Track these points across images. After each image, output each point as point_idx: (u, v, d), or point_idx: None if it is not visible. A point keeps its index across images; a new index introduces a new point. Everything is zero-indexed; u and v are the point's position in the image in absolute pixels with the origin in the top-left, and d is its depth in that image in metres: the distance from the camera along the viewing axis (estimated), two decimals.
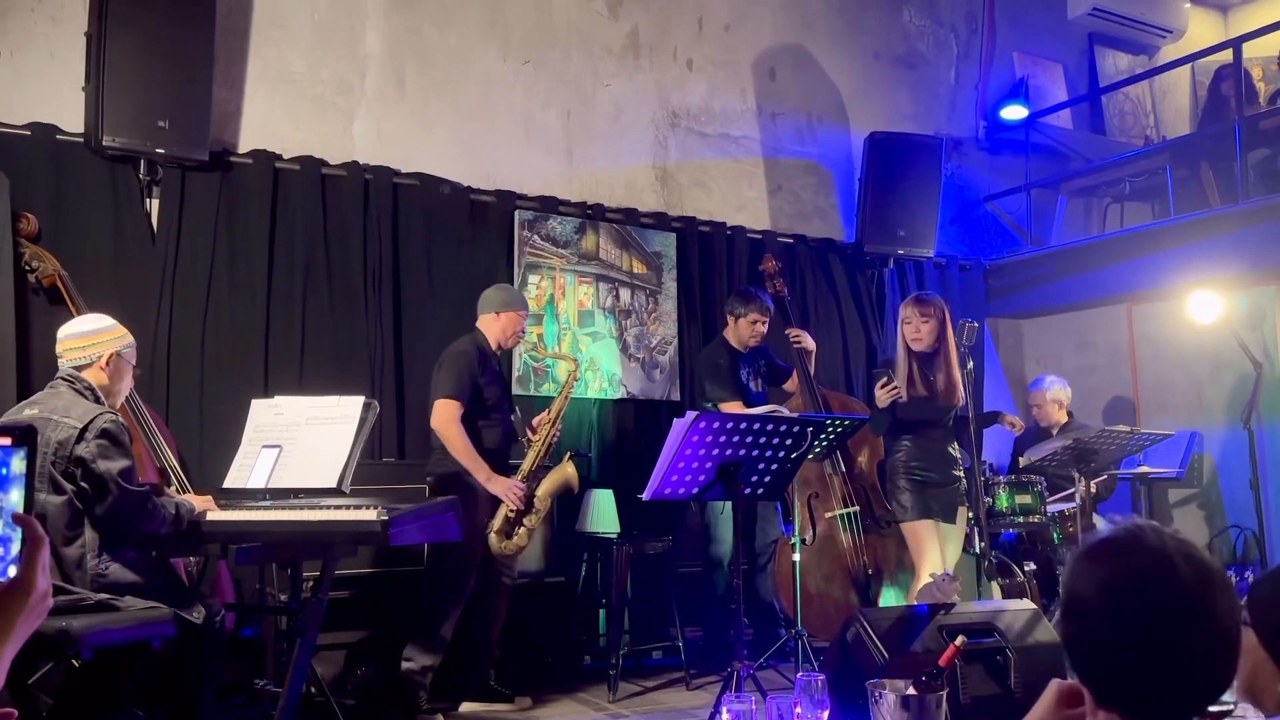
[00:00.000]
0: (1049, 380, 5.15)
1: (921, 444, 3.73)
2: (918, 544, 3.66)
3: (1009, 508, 4.25)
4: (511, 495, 3.54)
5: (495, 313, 3.75)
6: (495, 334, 3.74)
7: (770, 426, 2.96)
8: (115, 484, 2.58)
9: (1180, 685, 1.07)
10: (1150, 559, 1.12)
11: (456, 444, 3.50)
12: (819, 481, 4.18)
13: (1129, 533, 1.15)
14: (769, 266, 4.48)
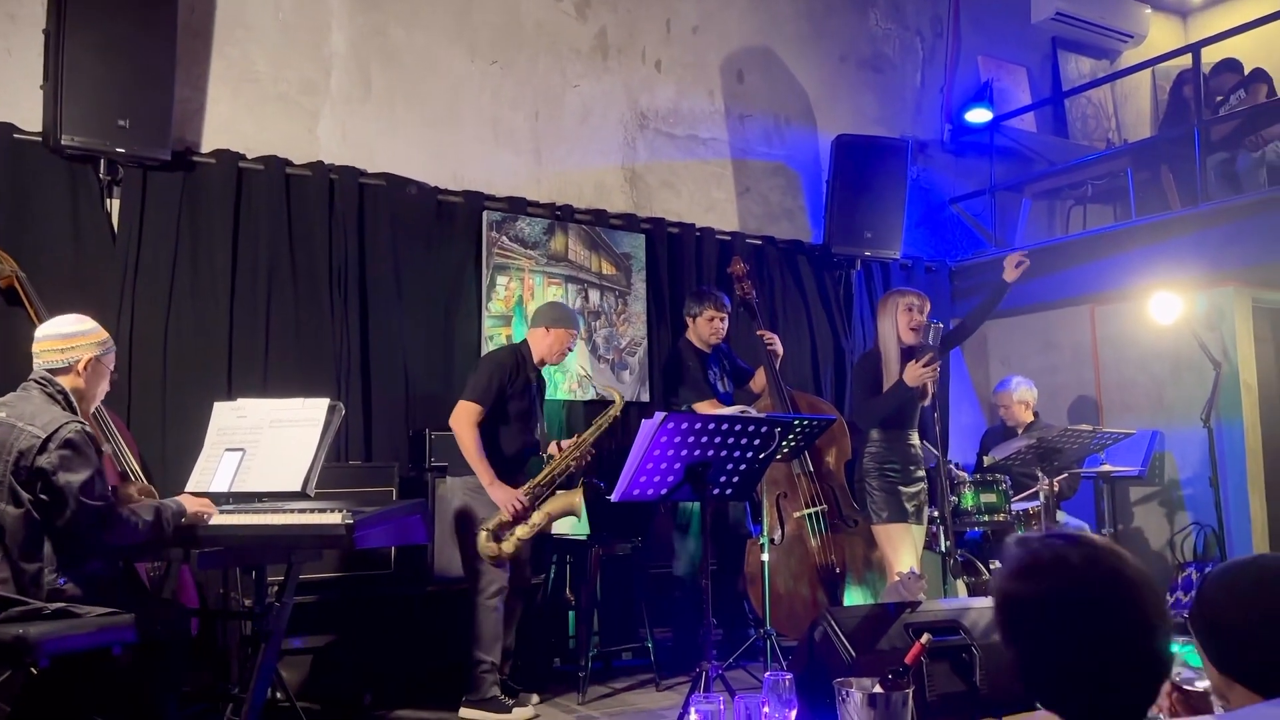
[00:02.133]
0: (1015, 381, 5.21)
1: (894, 444, 3.75)
2: (893, 547, 3.68)
3: (974, 506, 4.30)
4: (509, 504, 3.57)
5: (545, 328, 3.79)
6: (541, 348, 3.78)
7: (738, 427, 2.97)
8: (74, 498, 2.51)
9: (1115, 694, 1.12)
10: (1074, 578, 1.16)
11: (466, 444, 3.59)
12: (787, 481, 4.19)
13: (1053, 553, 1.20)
14: (737, 270, 4.49)
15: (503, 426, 3.70)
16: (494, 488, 3.57)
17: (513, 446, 3.72)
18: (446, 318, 4.64)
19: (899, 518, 3.67)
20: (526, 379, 3.76)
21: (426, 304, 4.59)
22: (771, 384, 4.33)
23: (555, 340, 3.78)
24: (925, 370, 3.59)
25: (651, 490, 2.97)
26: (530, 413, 3.78)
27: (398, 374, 4.47)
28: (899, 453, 3.74)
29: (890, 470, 3.71)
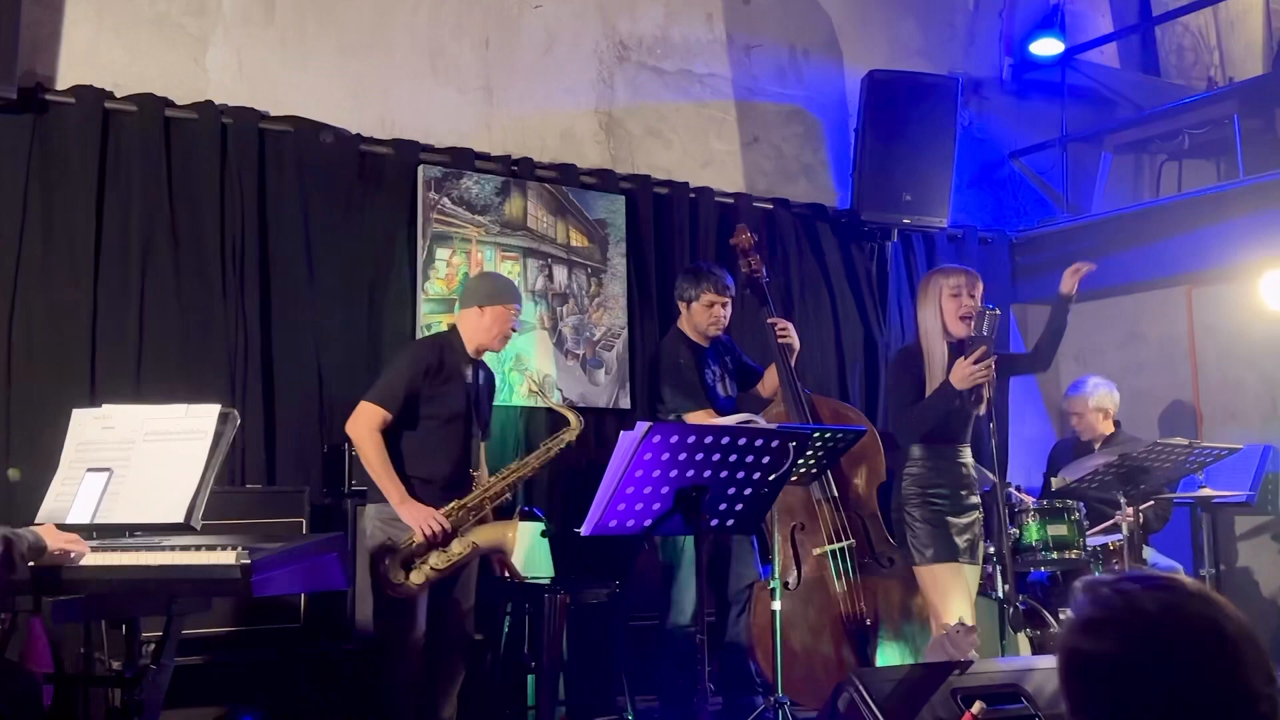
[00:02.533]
0: (1092, 383, 5.24)
1: (941, 462, 3.76)
2: (939, 592, 3.69)
3: (1040, 541, 4.32)
4: (424, 524, 3.60)
5: (479, 306, 3.81)
6: (476, 334, 3.81)
7: (743, 441, 2.97)
8: None
9: None
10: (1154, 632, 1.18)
11: (368, 456, 3.65)
12: (805, 510, 4.21)
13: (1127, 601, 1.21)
14: (742, 241, 4.50)
15: (424, 437, 3.72)
16: (405, 506, 3.62)
17: (440, 463, 3.74)
18: (372, 302, 4.64)
19: (947, 556, 3.69)
20: (458, 375, 3.77)
21: (346, 284, 4.58)
22: (785, 387, 4.34)
23: (492, 321, 3.80)
24: (977, 369, 3.60)
25: (632, 521, 2.96)
26: (465, 419, 3.79)
27: (309, 373, 4.47)
28: (947, 474, 3.76)
29: (936, 496, 3.73)
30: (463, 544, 3.67)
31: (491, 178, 4.92)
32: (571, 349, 5.07)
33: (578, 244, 5.11)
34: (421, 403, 3.71)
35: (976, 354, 3.59)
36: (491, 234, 4.90)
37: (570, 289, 5.09)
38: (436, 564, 3.64)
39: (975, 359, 3.58)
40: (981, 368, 3.58)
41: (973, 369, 3.59)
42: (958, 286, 3.74)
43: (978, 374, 3.59)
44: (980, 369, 3.58)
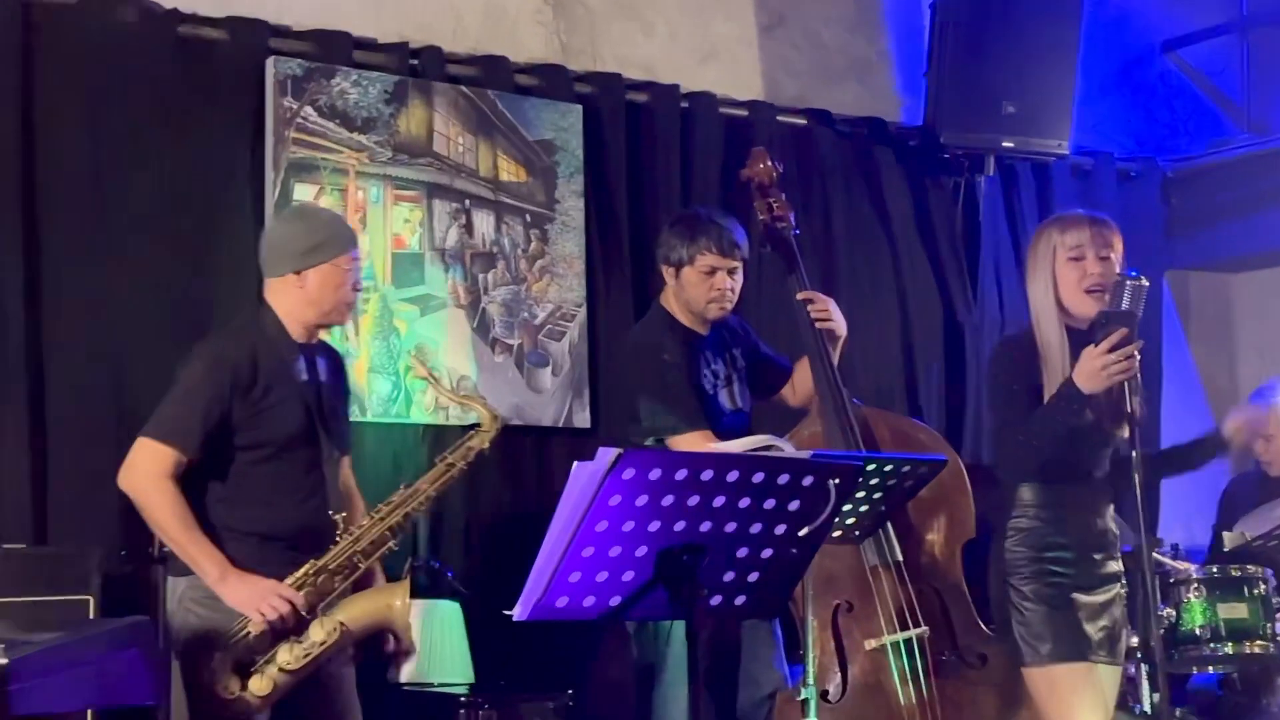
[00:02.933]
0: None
1: (1065, 511, 3.76)
2: (1062, 705, 3.69)
3: (1207, 626, 4.35)
4: (265, 607, 3.59)
5: (295, 272, 3.79)
6: (299, 309, 3.80)
7: (758, 478, 2.96)
8: None
9: None
10: None
11: (158, 517, 3.63)
12: (854, 583, 4.21)
13: None
14: (759, 173, 4.49)
15: (250, 476, 3.71)
16: (229, 583, 3.61)
17: (282, 510, 3.73)
18: (196, 265, 4.63)
19: (1073, 652, 3.69)
20: (284, 378, 3.76)
21: (157, 239, 4.56)
22: (824, 394, 4.35)
23: (319, 287, 3.77)
24: (1113, 359, 3.57)
25: (593, 600, 2.94)
26: (308, 439, 3.78)
27: (99, 375, 4.46)
28: (1074, 529, 3.76)
29: (1057, 564, 3.73)
30: (326, 627, 3.64)
31: (379, 77, 4.90)
32: (501, 337, 5.05)
33: (511, 178, 5.09)
34: (237, 429, 3.68)
35: (1113, 338, 3.56)
36: (379, 162, 4.87)
37: (500, 246, 5.06)
38: (288, 663, 3.61)
39: (1111, 345, 3.58)
40: (1119, 358, 3.56)
41: (1107, 360, 3.56)
42: (1079, 245, 3.73)
43: (1114, 369, 3.56)
44: (1118, 360, 3.57)
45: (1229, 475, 5.97)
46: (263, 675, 3.61)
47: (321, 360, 3.90)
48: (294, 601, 3.61)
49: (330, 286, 3.77)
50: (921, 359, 5.77)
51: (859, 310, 5.50)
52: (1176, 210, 6.40)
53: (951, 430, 5.70)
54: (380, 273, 4.90)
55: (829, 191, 5.66)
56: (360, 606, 3.71)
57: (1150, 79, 6.53)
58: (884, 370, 5.69)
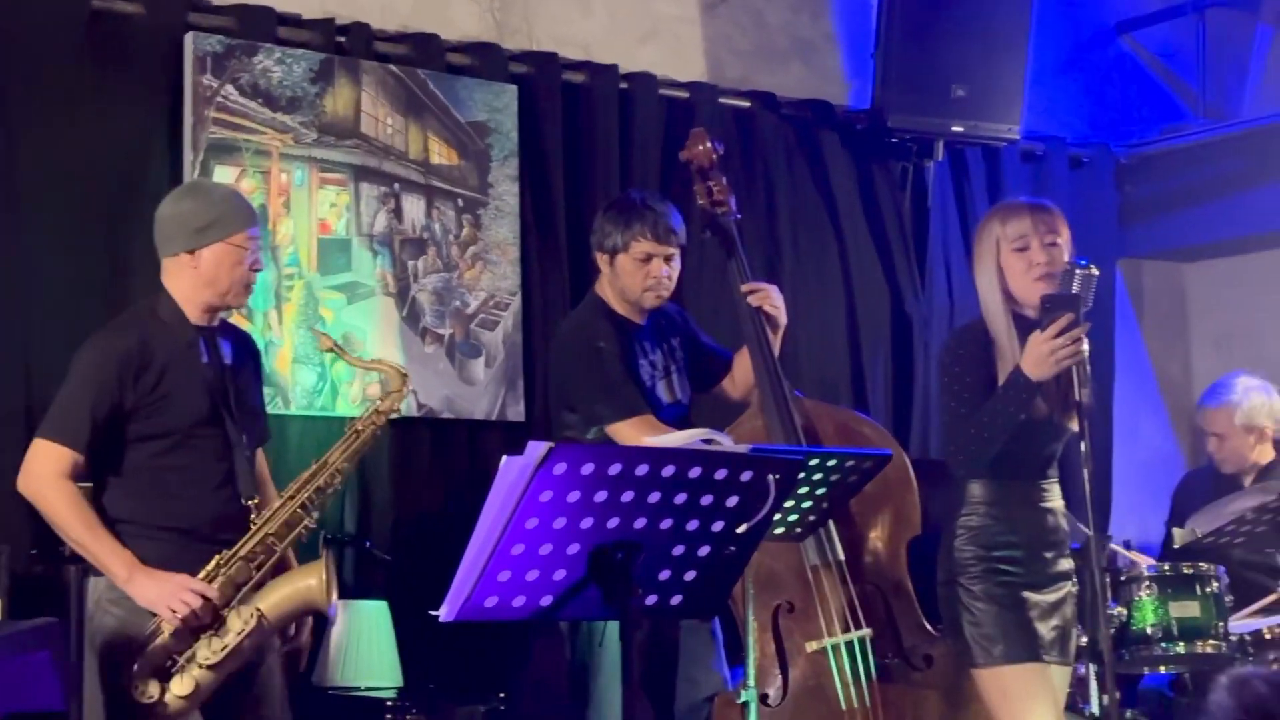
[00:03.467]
0: (1240, 387, 5.30)
1: (1015, 509, 3.77)
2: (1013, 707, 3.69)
3: (1158, 626, 4.34)
4: (177, 603, 3.55)
5: (189, 251, 3.75)
6: (195, 291, 3.77)
7: (696, 472, 2.93)
8: None
9: None
10: None
11: (61, 518, 3.63)
12: (795, 583, 4.20)
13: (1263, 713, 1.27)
14: (699, 155, 4.46)
15: (156, 468, 3.69)
16: (137, 581, 3.60)
17: (195, 501, 3.70)
18: (110, 252, 4.60)
19: (1025, 653, 3.69)
20: (182, 362, 3.73)
21: (66, 224, 4.54)
22: (765, 386, 4.33)
23: (214, 266, 3.73)
24: (1060, 344, 3.56)
25: (523, 600, 2.91)
26: (215, 423, 3.75)
27: (5, 366, 4.45)
28: (1025, 526, 3.76)
29: (1007, 562, 3.74)
30: (243, 616, 3.61)
31: (304, 54, 4.88)
32: (432, 327, 5.03)
33: (442, 161, 5.08)
34: (134, 420, 3.66)
35: (1059, 323, 3.55)
36: (304, 143, 4.86)
37: (431, 232, 5.04)
38: (208, 658, 3.58)
39: (1057, 330, 3.56)
40: (1066, 342, 3.55)
41: (1054, 345, 3.55)
42: (1022, 235, 3.73)
43: (1061, 353, 3.56)
44: (1065, 345, 3.55)
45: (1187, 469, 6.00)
46: (184, 675, 3.58)
47: (225, 343, 3.86)
48: (206, 595, 3.58)
49: (226, 266, 3.72)
50: (868, 350, 5.79)
51: (803, 300, 5.51)
52: (1130, 197, 6.44)
53: (899, 423, 5.73)
54: (305, 259, 4.88)
55: (773, 176, 5.68)
56: (278, 591, 3.67)
57: (1104, 62, 6.57)
58: (829, 361, 5.70)
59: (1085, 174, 6.31)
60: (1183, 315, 6.66)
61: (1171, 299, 6.66)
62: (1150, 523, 5.88)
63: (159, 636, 3.58)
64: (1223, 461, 5.30)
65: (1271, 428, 5.26)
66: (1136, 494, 6.09)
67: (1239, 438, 5.24)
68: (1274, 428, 5.27)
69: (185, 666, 3.58)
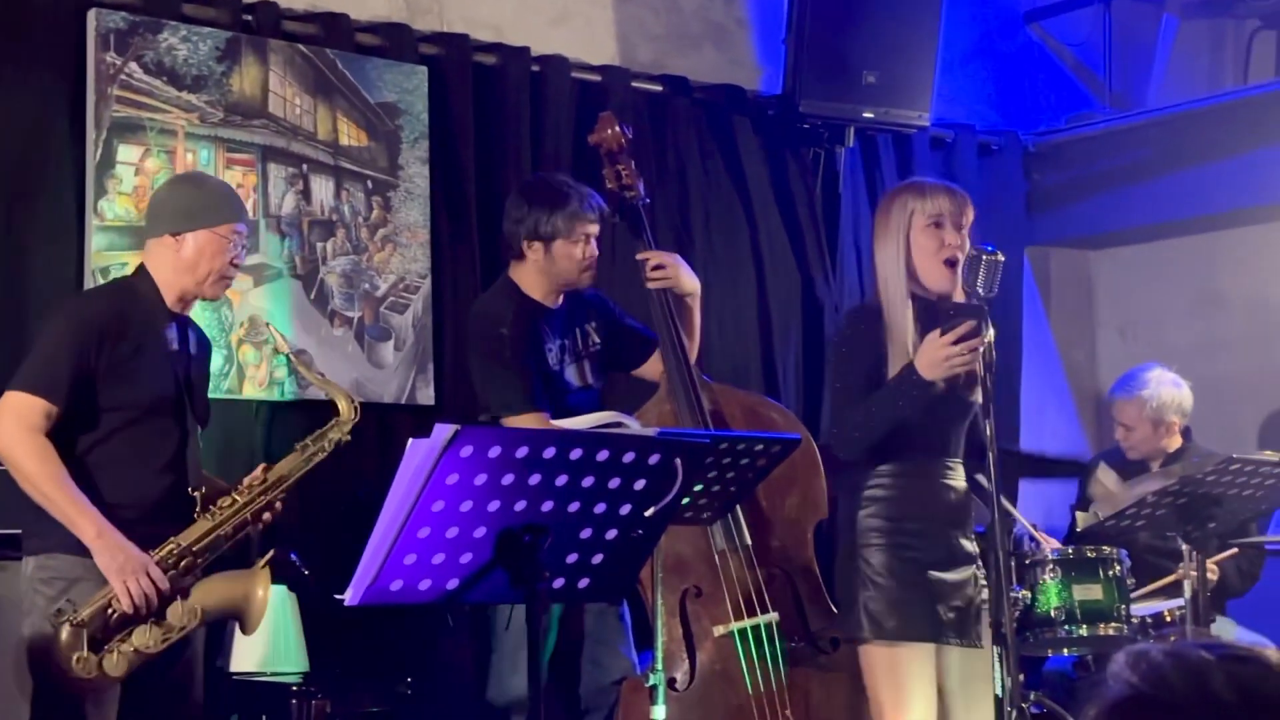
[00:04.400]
0: (1153, 381, 5.36)
1: (920, 483, 3.81)
2: (896, 686, 3.74)
3: (1061, 608, 4.39)
4: (131, 579, 3.56)
5: (172, 234, 3.78)
6: (176, 275, 3.79)
7: (603, 456, 2.96)
8: None
9: None
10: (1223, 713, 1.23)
11: (29, 470, 3.64)
12: (702, 567, 4.23)
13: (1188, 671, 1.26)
14: (608, 139, 4.48)
15: (111, 441, 3.69)
16: (104, 541, 3.59)
17: (142, 480, 3.72)
18: (10, 232, 4.56)
19: (921, 632, 3.74)
20: (153, 342, 3.75)
21: None
22: (673, 371, 4.36)
23: (198, 252, 3.76)
24: (956, 351, 3.59)
25: (428, 583, 2.92)
26: (174, 407, 3.77)
27: None
28: (929, 503, 3.80)
29: (911, 535, 3.77)
30: (185, 614, 3.63)
31: (211, 33, 4.84)
32: (341, 309, 5.01)
33: (352, 142, 5.06)
34: (100, 387, 3.68)
35: (960, 329, 3.58)
36: (210, 123, 4.83)
37: (340, 214, 5.03)
38: (146, 645, 3.59)
39: (957, 336, 3.59)
40: (963, 350, 3.58)
41: (950, 351, 3.59)
42: (939, 213, 3.75)
43: (956, 361, 3.60)
44: (961, 353, 3.59)
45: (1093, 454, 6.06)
46: (116, 655, 3.59)
47: (192, 334, 3.92)
48: (159, 585, 3.59)
49: (207, 254, 3.77)
50: (778, 335, 5.80)
51: (714, 285, 5.52)
52: (1037, 185, 6.50)
53: (808, 408, 5.75)
54: None
55: (684, 160, 5.67)
56: (218, 592, 3.70)
57: (1012, 51, 6.61)
58: (739, 346, 5.71)
59: (994, 161, 6.36)
60: (1089, 302, 6.73)
61: (1078, 286, 6.73)
62: (1057, 506, 5.96)
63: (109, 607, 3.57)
64: (1130, 449, 5.37)
65: (1179, 421, 5.34)
66: (1043, 480, 6.16)
67: (1147, 429, 5.31)
68: (1182, 421, 5.35)
69: (119, 647, 3.58)
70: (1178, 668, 1.27)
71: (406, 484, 2.83)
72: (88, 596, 3.58)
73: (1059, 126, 6.53)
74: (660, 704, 3.88)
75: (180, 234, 3.76)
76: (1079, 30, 6.65)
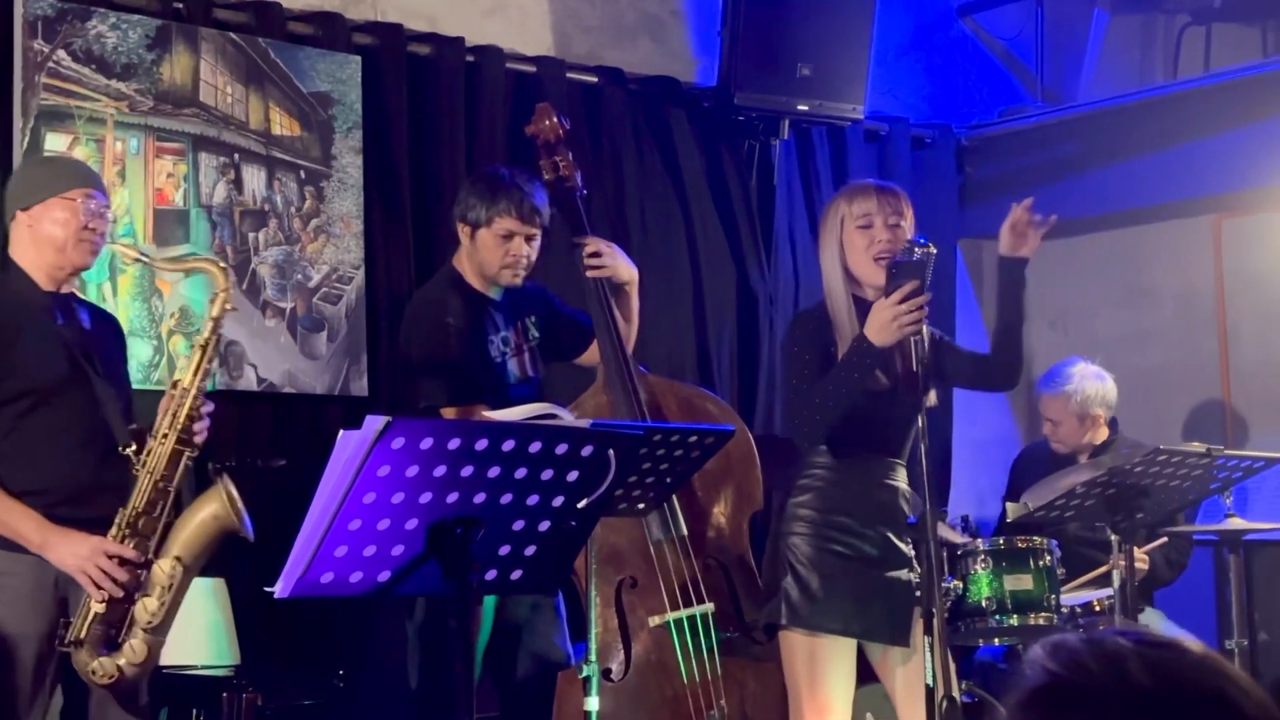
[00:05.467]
0: (1076, 376, 5.41)
1: (857, 477, 3.83)
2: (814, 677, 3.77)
3: (993, 598, 4.43)
4: (91, 571, 3.55)
5: (23, 209, 3.77)
6: (39, 254, 3.77)
7: (536, 447, 2.96)
8: None
9: None
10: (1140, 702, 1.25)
11: None
12: (637, 558, 4.24)
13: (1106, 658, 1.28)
14: (545, 130, 4.48)
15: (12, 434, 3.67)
16: (50, 544, 3.58)
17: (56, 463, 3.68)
18: None
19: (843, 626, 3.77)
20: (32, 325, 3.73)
21: None
22: (609, 361, 4.37)
23: (50, 224, 3.74)
24: (903, 310, 3.63)
25: (360, 575, 2.92)
26: (79, 382, 3.74)
27: None
28: (865, 500, 3.83)
29: (842, 529, 3.80)
30: (166, 568, 3.62)
31: (140, 20, 4.81)
32: (273, 300, 5.00)
33: (284, 132, 5.04)
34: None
35: (904, 289, 3.62)
36: (140, 111, 4.79)
37: (272, 204, 5.01)
38: (149, 621, 3.59)
39: (902, 295, 3.62)
40: (909, 308, 3.62)
41: (897, 310, 3.62)
42: (867, 214, 3.82)
43: (905, 319, 3.63)
44: (908, 311, 3.62)
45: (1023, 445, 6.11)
46: (132, 643, 3.59)
47: (83, 312, 3.89)
48: (124, 556, 3.57)
49: (60, 221, 3.73)
50: (714, 326, 5.82)
51: (650, 276, 5.51)
52: (971, 178, 6.56)
53: (743, 399, 5.77)
54: (141, 230, 4.81)
55: (620, 152, 5.68)
56: (187, 531, 3.67)
57: (946, 44, 6.66)
58: (675, 337, 5.72)
59: (927, 154, 6.40)
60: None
61: None
62: (988, 499, 6.01)
63: (89, 611, 3.56)
64: (1057, 444, 5.41)
65: (1105, 414, 5.37)
66: (975, 471, 6.20)
67: (1073, 424, 5.35)
68: (1107, 414, 5.39)
69: (129, 635, 3.59)
70: (1095, 655, 1.28)
71: (337, 476, 2.83)
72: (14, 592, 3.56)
73: (991, 120, 6.58)
74: (594, 695, 3.89)
75: (29, 208, 3.74)
76: (1012, 24, 6.70)
